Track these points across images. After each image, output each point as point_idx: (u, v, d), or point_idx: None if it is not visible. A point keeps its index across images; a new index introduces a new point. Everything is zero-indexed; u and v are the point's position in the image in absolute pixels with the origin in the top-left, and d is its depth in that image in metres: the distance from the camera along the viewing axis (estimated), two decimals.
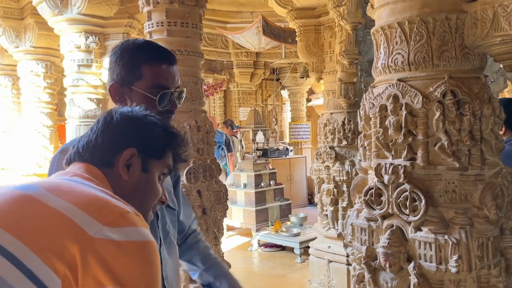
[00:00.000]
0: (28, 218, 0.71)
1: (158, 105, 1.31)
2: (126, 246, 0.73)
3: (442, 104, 1.42)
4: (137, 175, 0.95)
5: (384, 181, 1.50)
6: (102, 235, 0.71)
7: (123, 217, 0.75)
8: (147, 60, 1.32)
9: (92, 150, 0.94)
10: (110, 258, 0.71)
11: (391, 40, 1.54)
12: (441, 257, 1.37)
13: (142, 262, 0.75)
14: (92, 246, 0.70)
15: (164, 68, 1.33)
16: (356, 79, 3.77)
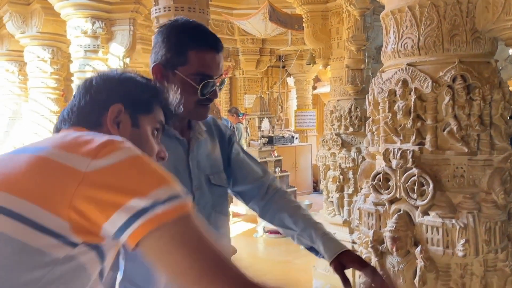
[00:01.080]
0: (30, 176, 0.74)
1: (199, 93, 1.30)
2: (119, 165, 0.74)
3: (452, 89, 1.42)
4: (128, 131, 0.94)
5: (392, 166, 1.51)
6: (94, 167, 0.72)
7: (107, 146, 0.76)
8: (195, 46, 1.29)
9: (77, 113, 0.93)
10: (108, 181, 0.72)
11: (401, 24, 1.53)
12: (448, 241, 1.38)
13: (140, 169, 0.76)
14: (88, 179, 0.71)
15: (211, 56, 1.31)
16: (364, 66, 3.74)
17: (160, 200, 0.73)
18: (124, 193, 0.72)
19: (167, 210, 0.73)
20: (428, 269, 1.40)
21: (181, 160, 1.37)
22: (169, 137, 1.36)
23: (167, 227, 0.73)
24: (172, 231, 0.73)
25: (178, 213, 0.74)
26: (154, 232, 0.72)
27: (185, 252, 0.73)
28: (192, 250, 0.74)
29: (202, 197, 1.39)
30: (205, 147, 1.45)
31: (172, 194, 0.75)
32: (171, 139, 1.36)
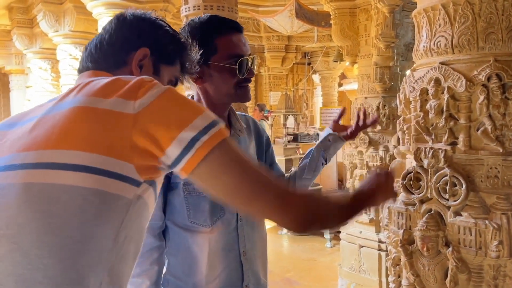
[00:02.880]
0: (87, 128, 0.77)
1: (238, 73, 1.33)
2: (159, 101, 0.78)
3: (487, 88, 1.39)
4: (149, 73, 0.95)
5: (424, 165, 1.50)
6: (139, 107, 0.76)
7: (142, 86, 0.79)
8: (219, 33, 1.34)
9: (106, 49, 0.94)
10: (156, 117, 0.77)
11: (434, 22, 1.51)
12: (481, 242, 1.36)
13: (177, 102, 0.80)
14: (139, 120, 0.76)
15: (236, 37, 1.35)
16: (392, 63, 3.70)
17: (203, 128, 0.77)
18: (173, 126, 0.77)
19: (211, 137, 0.78)
20: (460, 270, 1.39)
21: None
22: None
23: (214, 153, 0.78)
24: (219, 156, 0.79)
25: (220, 138, 0.79)
26: (204, 159, 0.77)
27: (234, 173, 0.80)
28: (239, 171, 0.80)
29: None
30: (244, 145, 1.48)
31: (210, 121, 0.79)
32: None
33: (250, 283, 1.41)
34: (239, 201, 0.83)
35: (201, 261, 1.35)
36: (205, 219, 1.34)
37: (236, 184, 0.80)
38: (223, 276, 1.37)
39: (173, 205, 1.37)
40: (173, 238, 1.40)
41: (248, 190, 0.81)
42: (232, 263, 1.38)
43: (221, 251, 1.37)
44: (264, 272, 1.49)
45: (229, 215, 1.38)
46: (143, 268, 1.36)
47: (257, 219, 1.46)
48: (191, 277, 1.36)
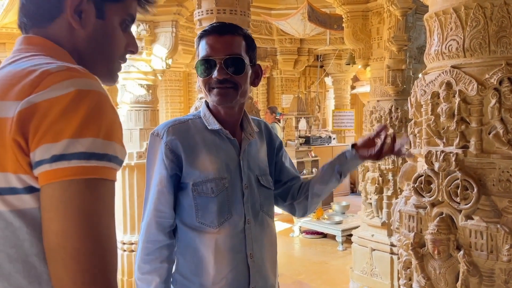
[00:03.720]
0: None
1: (198, 73, 1.38)
2: (50, 103, 0.65)
3: (498, 92, 1.39)
4: (91, 23, 0.82)
5: (435, 169, 1.50)
6: (21, 107, 0.65)
7: (44, 79, 0.67)
8: (201, 35, 1.40)
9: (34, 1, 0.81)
10: (31, 119, 0.64)
11: (446, 26, 1.52)
12: (492, 246, 1.36)
13: (78, 110, 0.65)
14: (15, 124, 0.65)
15: (210, 39, 1.37)
16: (405, 66, 3.69)
17: (75, 152, 0.64)
18: (43, 134, 0.64)
19: (77, 167, 0.64)
20: (471, 273, 1.39)
21: (232, 159, 1.43)
22: (221, 137, 1.42)
23: (73, 183, 0.64)
24: (76, 191, 0.65)
25: (88, 175, 0.65)
26: (56, 183, 0.65)
27: (74, 223, 0.64)
28: (82, 224, 0.65)
29: (251, 196, 1.44)
30: (255, 148, 1.50)
31: (101, 151, 0.66)
32: (223, 139, 1.42)
33: (257, 286, 1.42)
34: (58, 252, 0.65)
35: (208, 261, 1.37)
36: (212, 220, 1.37)
37: (68, 236, 0.64)
38: (230, 277, 1.38)
39: (182, 205, 1.40)
40: (181, 238, 1.42)
41: (73, 252, 0.64)
42: (239, 265, 1.40)
43: (228, 252, 1.38)
44: (273, 274, 1.51)
45: (237, 217, 1.40)
46: (153, 266, 1.39)
47: (266, 222, 1.48)
48: (198, 277, 1.38)
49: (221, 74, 1.34)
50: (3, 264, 0.67)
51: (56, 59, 0.74)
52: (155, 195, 1.38)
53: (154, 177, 1.39)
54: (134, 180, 4.12)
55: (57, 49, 0.79)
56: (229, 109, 1.44)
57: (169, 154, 1.36)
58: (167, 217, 1.40)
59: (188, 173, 1.37)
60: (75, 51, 0.81)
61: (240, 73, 1.37)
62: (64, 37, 0.81)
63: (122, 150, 0.71)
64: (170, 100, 8.49)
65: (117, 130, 0.70)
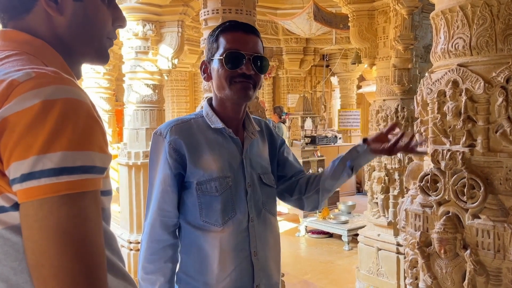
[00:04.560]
0: None
1: (225, 64, 1.34)
2: (18, 117, 0.61)
3: (505, 90, 1.38)
4: (69, 7, 0.78)
5: (441, 167, 1.49)
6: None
7: (11, 89, 0.63)
8: (223, 30, 1.39)
9: None
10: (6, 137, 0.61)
11: (452, 24, 1.51)
12: (499, 245, 1.35)
13: (48, 121, 0.61)
14: None
15: (237, 35, 1.37)
16: (411, 65, 3.68)
17: (43, 169, 0.61)
18: (12, 151, 0.61)
19: (48, 185, 0.61)
20: (478, 272, 1.38)
21: (235, 158, 1.43)
22: (224, 136, 1.43)
23: (46, 202, 0.62)
24: (49, 210, 0.62)
25: (61, 192, 0.62)
26: (29, 203, 0.62)
27: (51, 242, 0.62)
28: (60, 242, 0.62)
29: (254, 194, 1.44)
30: (257, 147, 1.51)
31: (65, 165, 0.62)
32: (225, 138, 1.43)
33: (261, 283, 1.42)
34: (35, 273, 0.63)
35: (212, 260, 1.37)
36: (216, 219, 1.37)
37: (48, 257, 0.62)
38: (234, 275, 1.38)
39: (186, 204, 1.40)
40: (185, 236, 1.43)
41: (52, 272, 0.62)
42: (243, 263, 1.40)
43: (232, 251, 1.39)
44: (277, 272, 1.51)
45: (240, 215, 1.40)
46: (157, 266, 1.39)
47: (268, 220, 1.48)
48: (202, 276, 1.39)
49: (250, 69, 1.36)
50: (10, 277, 0.67)
51: (30, 57, 0.72)
52: (159, 195, 1.38)
53: (157, 176, 1.39)
54: (141, 180, 4.14)
55: (33, 42, 0.75)
56: (239, 106, 1.44)
57: (172, 153, 1.36)
58: (172, 216, 1.40)
59: (192, 172, 1.37)
60: (57, 39, 0.78)
61: (264, 72, 1.40)
62: (43, 27, 0.77)
63: (102, 157, 0.67)
64: (176, 100, 8.51)
65: (94, 137, 0.66)
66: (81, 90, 0.69)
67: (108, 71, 6.02)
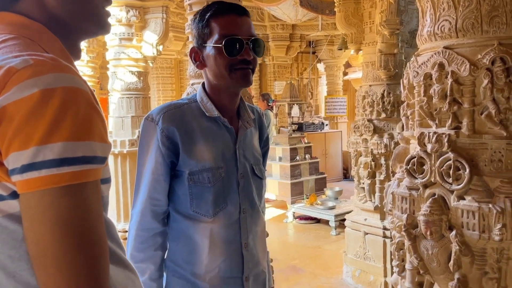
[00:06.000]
0: None
1: (226, 53, 1.28)
2: (16, 106, 0.60)
3: (491, 72, 1.39)
4: None
5: (427, 150, 1.50)
6: None
7: (9, 76, 0.61)
8: (213, 14, 1.32)
9: None
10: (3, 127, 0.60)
11: (438, 6, 1.51)
12: (484, 226, 1.37)
13: (46, 108, 0.60)
14: None
15: (231, 18, 1.32)
16: (397, 50, 3.68)
17: (44, 160, 0.60)
18: (11, 141, 0.60)
19: (49, 176, 0.61)
20: (463, 253, 1.40)
21: (228, 148, 1.40)
22: (218, 124, 1.39)
23: (47, 193, 0.61)
24: (51, 202, 0.62)
25: (62, 183, 0.62)
26: (30, 194, 0.62)
27: (53, 232, 0.62)
28: (62, 233, 0.62)
29: (246, 185, 1.42)
30: (250, 136, 1.47)
31: (66, 155, 0.62)
32: (220, 126, 1.39)
33: (250, 274, 1.42)
34: (40, 265, 0.63)
35: (201, 250, 1.36)
36: (207, 210, 1.34)
37: (50, 246, 0.62)
38: (223, 266, 1.37)
39: (176, 193, 1.37)
40: (174, 225, 1.40)
41: (55, 262, 0.62)
42: (233, 254, 1.39)
43: (223, 242, 1.37)
44: (264, 260, 1.51)
45: (232, 207, 1.38)
46: (148, 254, 1.37)
47: (257, 216, 1.47)
48: (191, 265, 1.37)
49: (250, 55, 1.31)
50: (7, 264, 0.67)
51: (27, 41, 0.70)
52: (150, 183, 1.35)
53: (148, 164, 1.35)
54: (127, 168, 4.10)
55: (31, 26, 0.74)
56: (236, 94, 1.40)
57: (165, 141, 1.32)
58: (162, 205, 1.37)
59: (185, 161, 1.34)
60: (53, 20, 0.76)
61: (261, 55, 1.35)
62: (35, 10, 0.75)
63: (103, 146, 0.67)
64: (162, 87, 8.42)
65: (94, 127, 0.65)
66: (80, 78, 0.67)
67: (91, 58, 5.91)
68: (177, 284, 1.40)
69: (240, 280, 1.40)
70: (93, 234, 0.66)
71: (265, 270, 1.51)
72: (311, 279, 4.27)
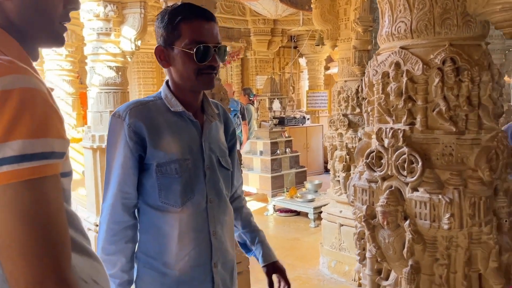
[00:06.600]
0: None
1: (196, 59, 1.36)
2: None
3: (442, 71, 1.48)
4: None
5: (385, 145, 1.59)
6: None
7: None
8: (183, 17, 1.38)
9: None
10: None
11: (395, 8, 1.59)
12: (434, 215, 1.46)
13: (8, 107, 0.64)
14: None
15: (201, 24, 1.38)
16: (371, 47, 3.77)
17: (4, 157, 0.64)
18: None
19: (9, 171, 0.65)
20: (416, 241, 1.50)
21: (195, 141, 1.46)
22: (184, 119, 1.45)
23: (9, 188, 0.65)
24: (13, 195, 0.65)
25: (22, 178, 0.66)
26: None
27: (16, 224, 0.66)
28: (25, 224, 0.66)
29: (213, 176, 1.48)
30: (216, 130, 1.54)
31: (25, 152, 0.65)
32: (185, 121, 1.45)
33: (218, 261, 1.49)
34: (6, 256, 0.67)
35: (171, 240, 1.41)
36: (176, 200, 1.40)
37: (14, 237, 0.65)
38: (193, 254, 1.43)
39: (144, 185, 1.42)
40: (144, 217, 1.46)
41: (20, 252, 0.66)
42: (202, 242, 1.45)
43: (192, 231, 1.43)
44: (232, 249, 1.58)
45: (199, 196, 1.44)
46: (119, 247, 1.42)
47: (225, 206, 1.54)
48: (161, 255, 1.42)
49: (216, 61, 1.41)
50: None
51: None
52: (119, 177, 1.40)
53: (116, 158, 1.40)
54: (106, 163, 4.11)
55: None
56: (199, 93, 1.48)
57: (133, 136, 1.37)
58: (132, 198, 1.42)
59: (152, 154, 1.39)
60: (10, 24, 0.78)
61: (224, 60, 1.46)
62: None
63: (61, 142, 0.71)
64: (142, 82, 8.40)
65: (51, 124, 0.69)
66: (37, 79, 0.71)
67: (70, 53, 5.87)
68: (148, 275, 1.45)
69: (209, 267, 1.46)
70: (54, 225, 0.70)
71: (233, 259, 1.59)
72: (289, 270, 4.34)
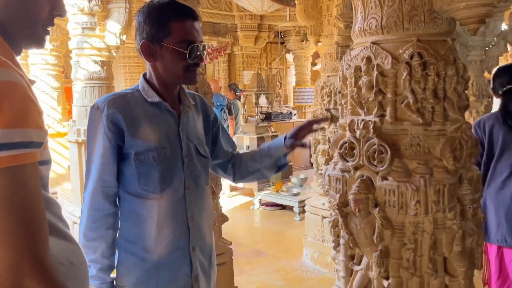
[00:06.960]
0: None
1: (188, 58, 1.45)
2: None
3: (409, 65, 1.55)
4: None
5: (356, 136, 1.66)
6: None
7: None
8: (175, 17, 1.45)
9: None
10: None
11: (367, 5, 1.66)
12: (402, 202, 1.54)
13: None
14: None
15: (191, 24, 1.46)
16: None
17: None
18: None
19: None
20: (385, 227, 1.57)
21: (172, 130, 1.53)
22: (161, 109, 1.52)
23: None
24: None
25: (9, 163, 0.71)
26: None
27: None
28: (4, 207, 0.71)
29: (190, 164, 1.55)
30: (193, 120, 1.61)
31: (12, 141, 0.70)
32: (162, 111, 1.52)
33: (196, 245, 1.55)
34: None
35: (150, 225, 1.47)
36: (155, 187, 1.46)
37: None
38: (171, 238, 1.49)
39: (124, 174, 1.48)
40: (124, 204, 1.52)
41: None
42: (180, 227, 1.51)
43: (170, 216, 1.49)
44: (210, 235, 1.64)
45: (177, 183, 1.51)
46: (99, 234, 1.48)
47: (203, 187, 1.60)
48: (141, 240, 1.49)
49: (202, 59, 1.51)
50: None
51: None
52: (99, 166, 1.45)
53: (96, 149, 1.46)
54: None
55: None
56: (176, 86, 1.56)
57: (111, 126, 1.43)
58: (112, 186, 1.48)
59: (131, 143, 1.45)
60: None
61: (204, 57, 1.55)
62: None
63: (38, 132, 0.75)
64: (129, 77, 8.39)
65: (29, 116, 0.73)
66: (16, 72, 0.75)
67: (55, 47, 5.85)
68: (128, 260, 1.52)
69: (187, 251, 1.53)
70: (31, 210, 0.75)
71: (211, 245, 1.65)
72: (273, 262, 4.45)
